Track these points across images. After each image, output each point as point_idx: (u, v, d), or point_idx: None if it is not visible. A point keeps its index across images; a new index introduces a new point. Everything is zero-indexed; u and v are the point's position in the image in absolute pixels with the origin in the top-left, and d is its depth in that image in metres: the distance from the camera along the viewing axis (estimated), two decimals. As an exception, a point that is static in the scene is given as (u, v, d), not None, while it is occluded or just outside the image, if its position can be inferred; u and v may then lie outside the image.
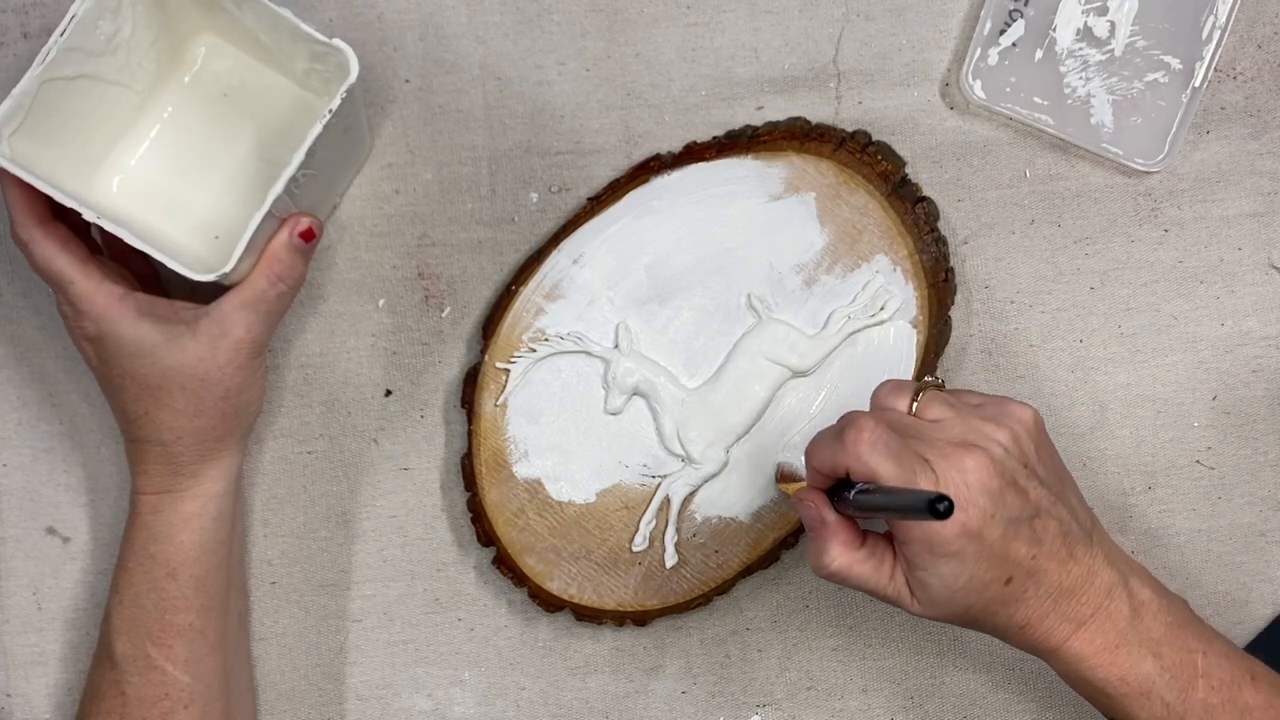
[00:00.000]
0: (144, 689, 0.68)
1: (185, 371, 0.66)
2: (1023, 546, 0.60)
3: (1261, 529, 0.76)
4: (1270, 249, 0.76)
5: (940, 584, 0.60)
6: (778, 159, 0.73)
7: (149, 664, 0.68)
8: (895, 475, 0.59)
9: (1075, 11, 0.74)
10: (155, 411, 0.67)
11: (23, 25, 0.75)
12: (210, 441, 0.68)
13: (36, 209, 0.65)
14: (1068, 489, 0.64)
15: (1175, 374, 0.76)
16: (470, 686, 0.76)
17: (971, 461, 0.59)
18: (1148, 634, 0.63)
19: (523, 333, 0.73)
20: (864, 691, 0.76)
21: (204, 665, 0.69)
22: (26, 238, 0.65)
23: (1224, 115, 0.76)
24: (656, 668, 0.76)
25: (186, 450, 0.68)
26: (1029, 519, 0.61)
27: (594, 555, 0.74)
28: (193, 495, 0.68)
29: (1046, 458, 0.63)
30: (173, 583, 0.68)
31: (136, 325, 0.65)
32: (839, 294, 0.73)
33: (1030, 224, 0.76)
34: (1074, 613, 0.62)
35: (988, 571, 0.60)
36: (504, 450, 0.74)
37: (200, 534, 0.69)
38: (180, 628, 0.68)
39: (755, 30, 0.75)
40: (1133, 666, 0.62)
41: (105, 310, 0.65)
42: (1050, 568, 0.61)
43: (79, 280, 0.65)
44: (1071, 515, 0.63)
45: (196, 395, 0.66)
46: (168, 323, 0.66)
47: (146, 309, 0.66)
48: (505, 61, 0.75)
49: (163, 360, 0.65)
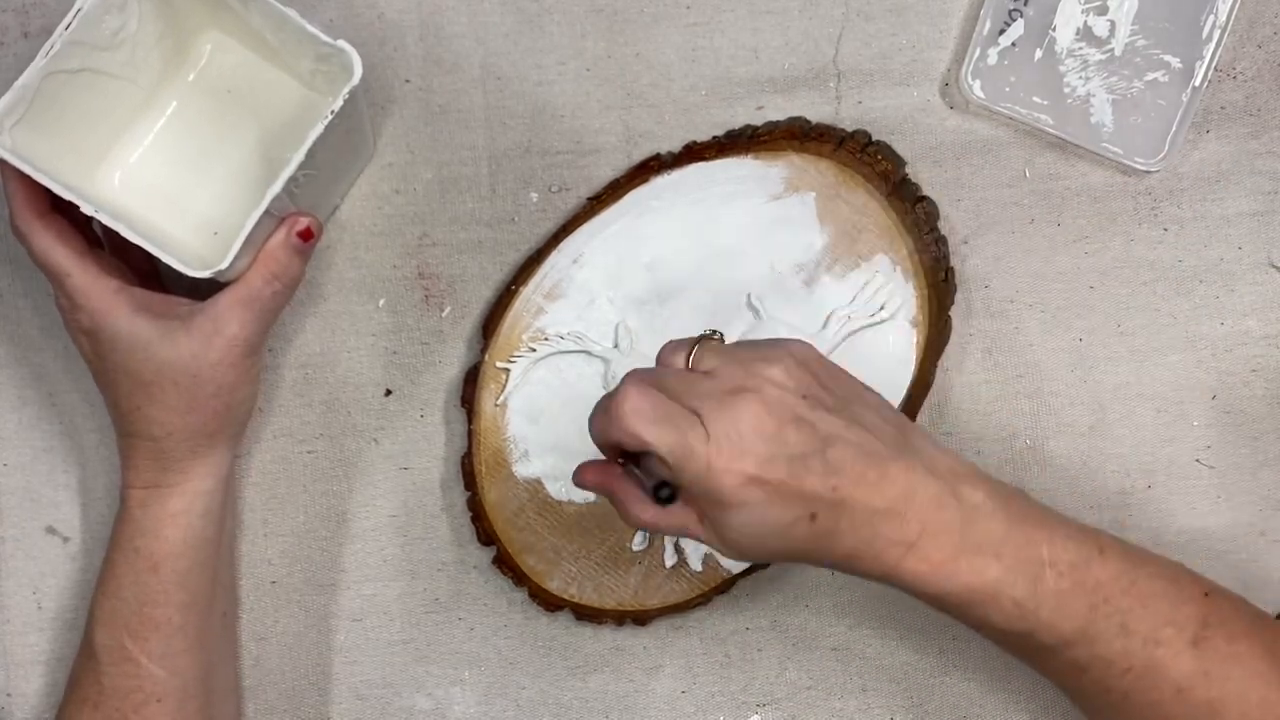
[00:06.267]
0: (119, 680, 0.68)
1: (178, 367, 0.66)
2: (817, 480, 0.58)
3: (1261, 529, 0.76)
4: (1270, 248, 0.76)
5: (739, 534, 0.59)
6: (778, 159, 0.73)
7: (124, 655, 0.68)
8: (663, 439, 0.57)
9: (1075, 11, 0.74)
10: (147, 407, 0.66)
11: (23, 25, 0.75)
12: (201, 438, 0.68)
13: (36, 200, 0.65)
14: (865, 409, 0.61)
15: (1175, 373, 0.76)
16: (470, 686, 0.76)
17: (743, 406, 0.58)
18: (986, 538, 0.60)
19: (523, 333, 0.74)
20: (864, 691, 0.76)
21: (179, 661, 0.68)
22: (25, 228, 0.65)
23: (1224, 115, 0.76)
24: (656, 668, 0.76)
25: (176, 446, 0.67)
26: (819, 451, 0.58)
27: (594, 555, 0.74)
28: (181, 492, 0.68)
29: (832, 383, 0.61)
30: (154, 577, 0.68)
31: (131, 320, 0.65)
32: (839, 294, 0.74)
33: (1030, 223, 0.76)
34: (900, 533, 0.59)
35: (786, 512, 0.58)
36: (504, 450, 0.74)
37: (186, 530, 0.68)
38: (158, 622, 0.68)
39: (755, 30, 0.75)
40: (975, 574, 0.60)
41: (100, 303, 0.65)
42: (858, 494, 0.59)
43: (75, 273, 0.65)
44: (874, 434, 0.60)
45: (188, 392, 0.66)
46: (162, 318, 0.65)
47: (142, 304, 0.66)
48: (505, 61, 0.75)
49: (156, 355, 0.65)
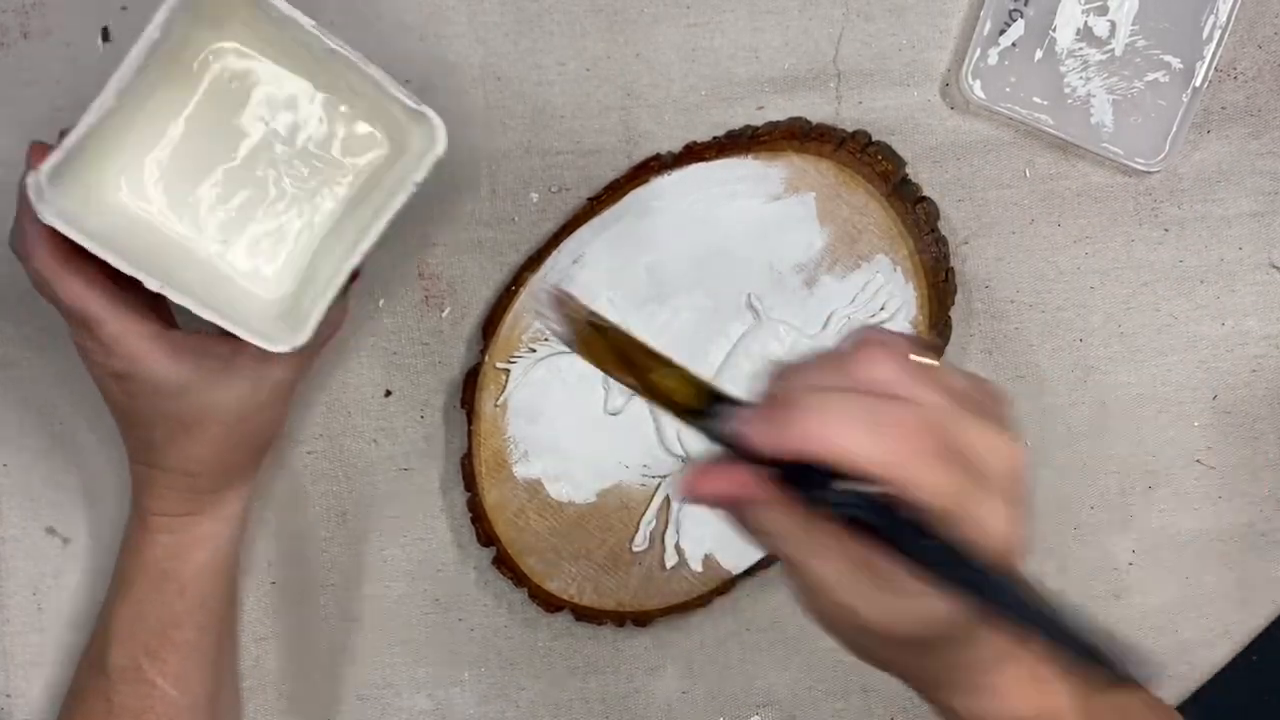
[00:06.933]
0: (130, 699, 0.67)
1: (222, 409, 0.64)
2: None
3: (1261, 529, 0.76)
4: (1270, 249, 0.76)
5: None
6: (778, 159, 0.73)
7: (139, 675, 0.67)
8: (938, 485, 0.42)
9: (1075, 11, 0.74)
10: (186, 445, 0.65)
11: (22, 25, 0.75)
12: (235, 471, 0.68)
13: (61, 248, 0.60)
14: None
15: (1175, 374, 0.76)
16: (470, 686, 0.76)
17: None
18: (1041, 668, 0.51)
19: (523, 333, 0.74)
20: (864, 691, 0.76)
21: (193, 680, 0.68)
22: (53, 278, 0.61)
23: (1224, 115, 0.76)
24: (656, 668, 0.76)
25: (210, 479, 0.67)
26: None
27: (594, 555, 0.74)
28: (211, 518, 0.68)
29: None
30: (180, 600, 0.68)
31: (171, 365, 0.62)
32: (839, 294, 0.74)
33: (1030, 224, 0.76)
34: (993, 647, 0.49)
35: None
36: (504, 450, 0.74)
37: (213, 554, 0.68)
38: (178, 642, 0.68)
39: (755, 30, 0.75)
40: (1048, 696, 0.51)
41: (137, 350, 0.62)
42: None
43: (110, 321, 0.61)
44: None
45: (231, 430, 0.65)
46: (203, 360, 0.63)
47: (180, 346, 0.63)
48: (505, 61, 0.75)
49: (200, 399, 0.63)
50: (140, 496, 0.68)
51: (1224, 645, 0.76)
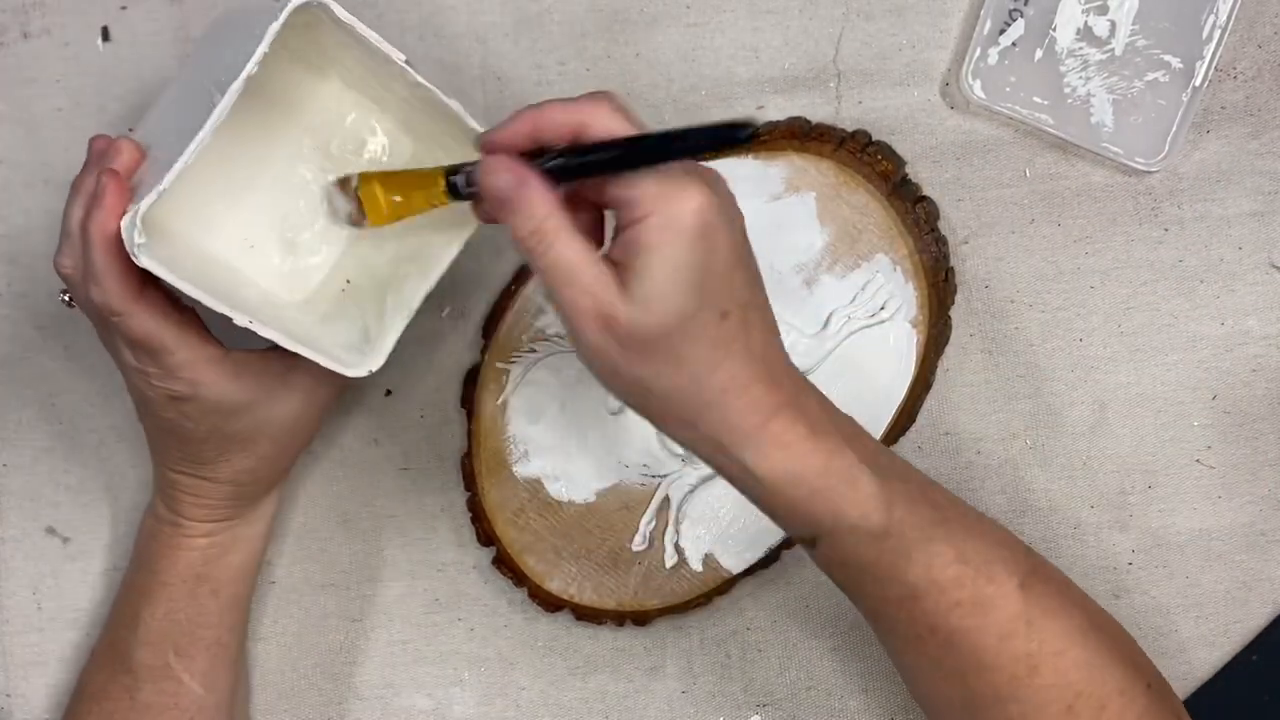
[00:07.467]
0: (154, 697, 0.68)
1: (277, 424, 0.66)
2: (741, 278, 0.55)
3: (1261, 529, 0.76)
4: (1270, 248, 0.76)
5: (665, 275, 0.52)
6: (778, 159, 0.73)
7: (167, 674, 0.68)
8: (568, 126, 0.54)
9: (1075, 11, 0.74)
10: (237, 459, 0.66)
11: (22, 25, 0.75)
12: (278, 477, 0.70)
13: (134, 281, 0.60)
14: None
15: (1175, 373, 0.76)
16: (470, 686, 0.76)
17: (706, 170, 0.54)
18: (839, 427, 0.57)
19: (523, 333, 0.73)
20: (864, 691, 0.76)
21: (219, 678, 0.70)
22: (124, 309, 0.60)
23: (1224, 115, 0.76)
24: (656, 668, 0.76)
25: (256, 489, 0.69)
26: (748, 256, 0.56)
27: (594, 555, 0.74)
28: (248, 521, 0.70)
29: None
30: (213, 600, 0.69)
31: (233, 386, 0.63)
32: (839, 293, 0.73)
33: (1030, 223, 0.76)
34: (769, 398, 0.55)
35: (711, 283, 0.53)
36: (504, 450, 0.74)
37: (249, 555, 0.70)
38: (208, 642, 0.69)
39: (755, 30, 0.75)
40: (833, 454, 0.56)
41: (204, 375, 0.62)
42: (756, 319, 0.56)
43: (180, 350, 0.61)
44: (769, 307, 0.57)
45: (282, 444, 0.67)
46: (262, 378, 0.64)
47: (240, 367, 0.63)
48: (505, 61, 0.75)
49: (256, 416, 0.65)
50: (177, 504, 0.68)
51: (1224, 645, 0.76)
